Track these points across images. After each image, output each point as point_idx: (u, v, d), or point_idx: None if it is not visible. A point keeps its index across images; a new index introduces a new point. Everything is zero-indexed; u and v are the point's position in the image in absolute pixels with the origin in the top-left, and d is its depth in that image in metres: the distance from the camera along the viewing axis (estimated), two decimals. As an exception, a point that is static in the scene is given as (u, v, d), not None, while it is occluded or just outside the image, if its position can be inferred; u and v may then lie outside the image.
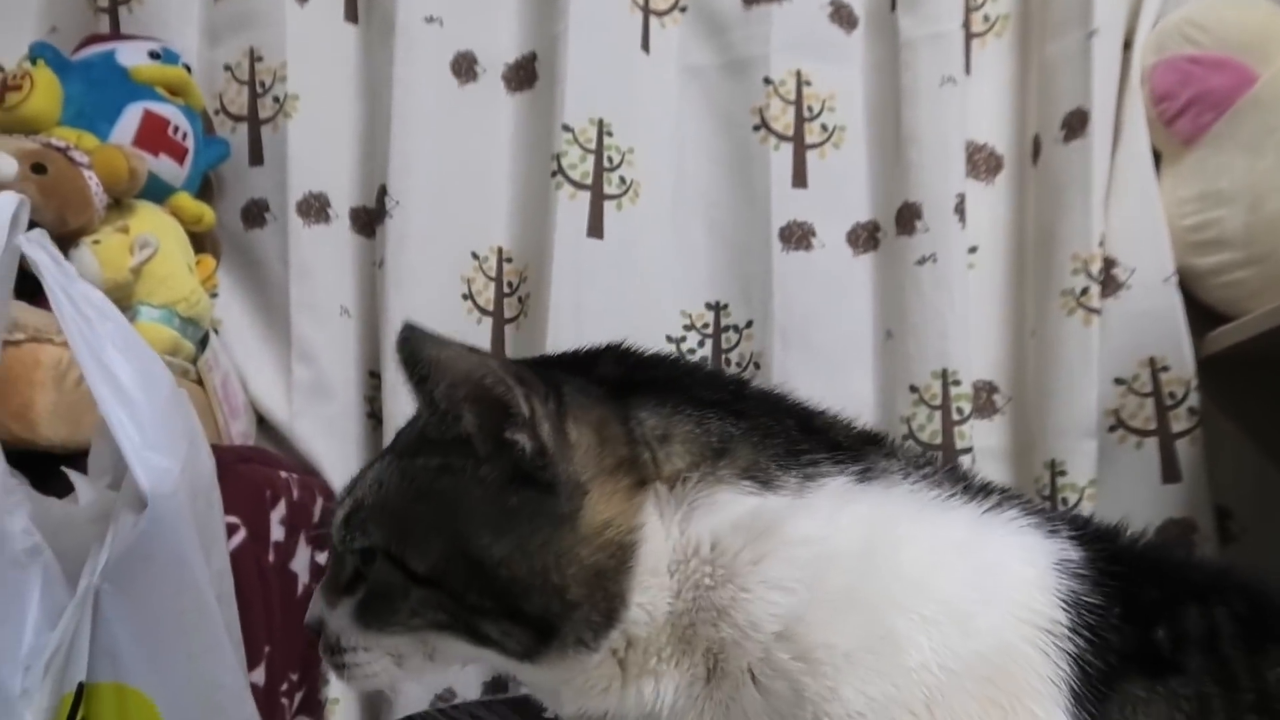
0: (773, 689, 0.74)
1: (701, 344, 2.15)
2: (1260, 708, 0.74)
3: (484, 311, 2.16)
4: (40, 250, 1.16)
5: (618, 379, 0.82)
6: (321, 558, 1.98)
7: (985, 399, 2.14)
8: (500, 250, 2.18)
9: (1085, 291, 2.02)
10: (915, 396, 2.04)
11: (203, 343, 1.92)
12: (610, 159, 2.11)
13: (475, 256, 2.16)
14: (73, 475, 1.24)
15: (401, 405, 2.05)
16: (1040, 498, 2.02)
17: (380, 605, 0.78)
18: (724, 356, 2.14)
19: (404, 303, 2.08)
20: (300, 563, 1.89)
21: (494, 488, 0.75)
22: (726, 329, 2.16)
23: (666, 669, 0.76)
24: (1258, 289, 1.99)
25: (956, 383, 2.03)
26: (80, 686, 1.10)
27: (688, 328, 2.15)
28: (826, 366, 2.10)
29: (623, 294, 2.10)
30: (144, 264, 1.71)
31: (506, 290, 2.18)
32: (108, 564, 1.11)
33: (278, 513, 1.79)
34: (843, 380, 2.10)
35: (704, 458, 0.77)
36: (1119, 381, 2.07)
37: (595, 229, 2.09)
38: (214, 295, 2.02)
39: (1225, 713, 0.74)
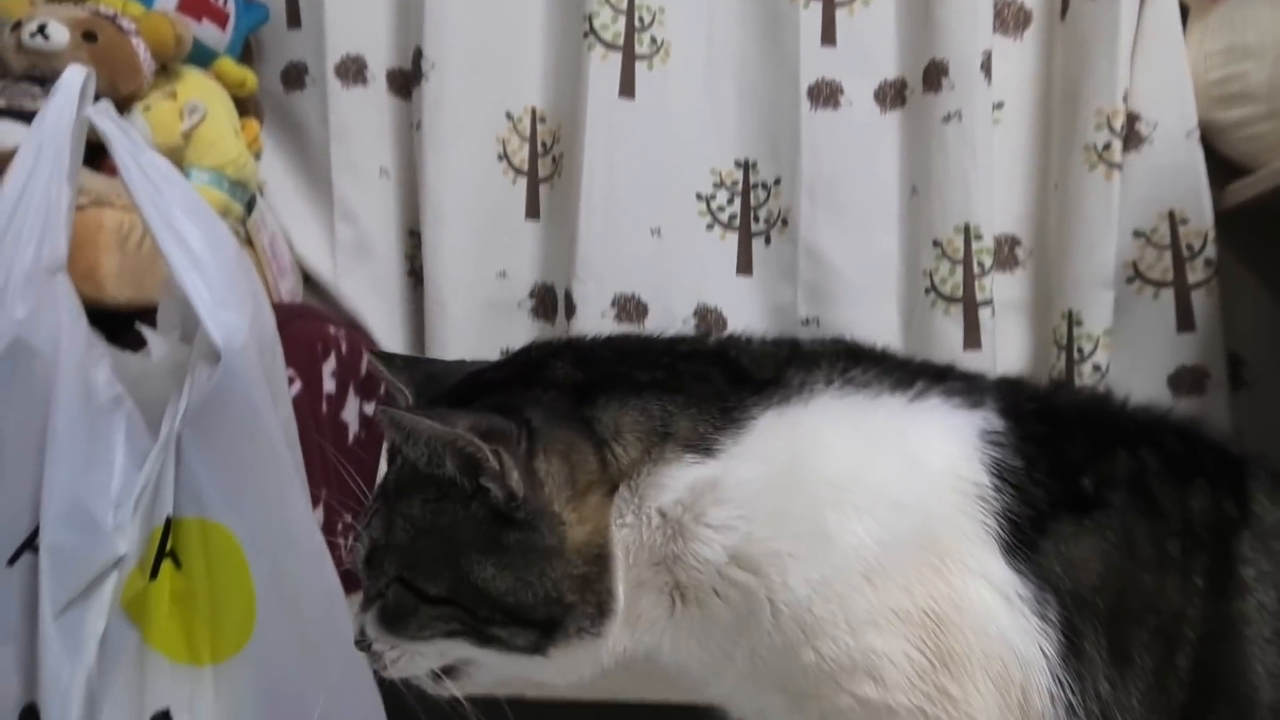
0: (731, 599, 0.81)
1: (730, 201, 2.20)
2: (1184, 533, 0.81)
3: (518, 171, 2.22)
4: (108, 120, 1.23)
5: (576, 382, 0.87)
6: (369, 408, 2.09)
7: (1007, 252, 2.19)
8: (534, 110, 2.22)
9: (1108, 147, 2.06)
10: (938, 251, 2.10)
11: (249, 205, 1.99)
12: (641, 19, 2.14)
13: (509, 117, 2.21)
14: (145, 331, 1.32)
15: (442, 265, 2.15)
16: (1057, 347, 2.10)
17: (399, 617, 0.85)
18: (753, 213, 2.19)
19: (441, 163, 2.15)
20: (350, 413, 2.00)
21: (484, 524, 0.81)
22: (755, 186, 2.20)
23: (645, 619, 0.84)
24: (1277, 141, 2.02)
25: (979, 237, 2.08)
26: (168, 521, 1.20)
27: (717, 185, 2.20)
28: (852, 223, 2.15)
29: (654, 153, 2.15)
30: (194, 129, 1.78)
31: (540, 150, 2.23)
32: (187, 411, 1.20)
33: (329, 366, 1.89)
34: (867, 236, 2.15)
35: (652, 444, 0.82)
36: (1138, 234, 2.12)
37: (627, 89, 2.13)
38: (258, 157, 2.08)
39: (1149, 539, 0.81)
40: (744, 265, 2.19)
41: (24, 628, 1.18)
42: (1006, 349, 2.14)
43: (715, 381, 0.85)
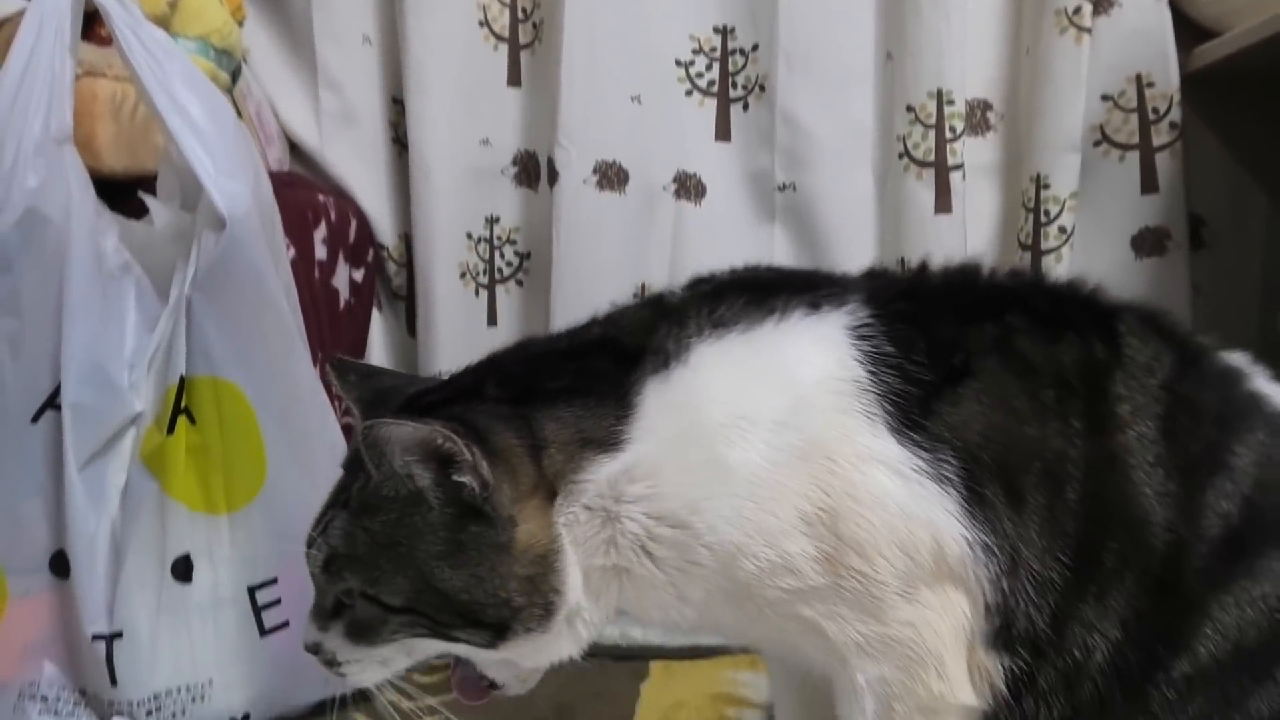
0: (668, 557, 0.89)
1: (709, 67, 2.23)
2: (1057, 384, 0.89)
3: (499, 38, 2.24)
4: (108, -8, 1.26)
5: (506, 398, 0.93)
6: (358, 274, 2.15)
7: (980, 116, 2.24)
8: (514, -25, 2.24)
9: (1078, 10, 2.09)
10: (911, 116, 2.14)
11: (235, 74, 2.01)
12: (618, -117, 2.14)
13: (490, -18, 2.22)
14: (148, 200, 1.38)
15: (426, 132, 2.18)
16: (1025, 210, 2.16)
17: (365, 629, 0.91)
18: (731, 80, 2.22)
19: (423, 30, 2.17)
20: (341, 279, 2.07)
21: (445, 530, 0.87)
22: (733, 53, 2.23)
23: (595, 608, 0.91)
24: (1243, 5, 2.06)
25: (950, 102, 2.13)
26: (182, 380, 1.28)
27: (696, 52, 2.23)
28: (828, 89, 2.18)
29: (633, 19, 2.16)
30: (180, -2, 1.79)
31: (521, 16, 2.24)
32: (195, 276, 1.27)
33: (319, 233, 1.95)
34: (843, 102, 2.19)
35: (572, 451, 0.89)
36: (1105, 98, 2.17)
37: (606, -46, 2.15)
38: (241, 25, 2.09)
39: (1024, 394, 0.88)
40: (722, 131, 2.23)
41: (50, 481, 1.27)
42: (976, 213, 2.19)
43: (609, 372, 0.92)
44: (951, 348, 0.89)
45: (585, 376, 0.92)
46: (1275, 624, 0.85)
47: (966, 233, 2.16)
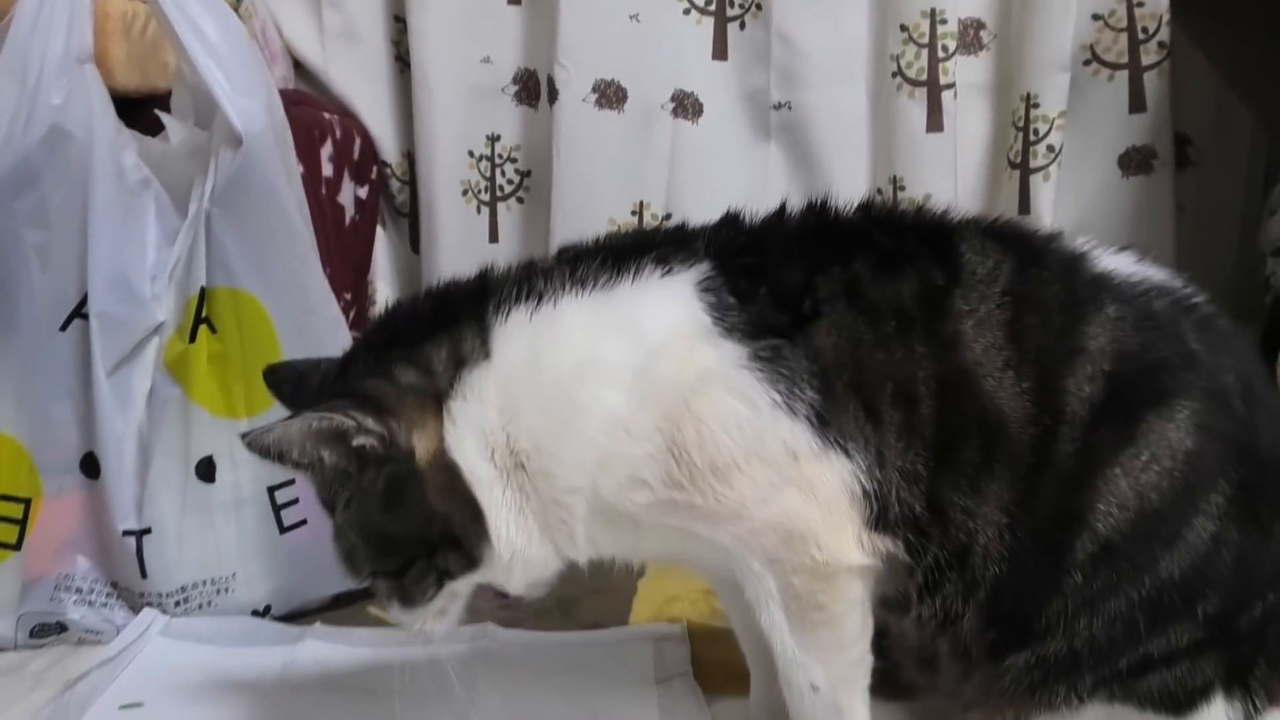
0: (540, 490, 0.96)
1: (707, -14, 2.26)
2: (897, 317, 0.95)
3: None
4: (124, -85, 1.30)
5: (381, 342, 1.02)
6: (363, 191, 2.19)
7: (973, 35, 2.26)
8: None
9: (1071, -72, 2.12)
10: (905, 35, 2.17)
11: (239, -8, 2.04)
12: None
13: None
14: (164, 117, 1.42)
15: (428, 50, 2.21)
16: (1015, 129, 2.20)
17: (404, 598, 1.00)
18: (727, -1, 2.26)
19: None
20: (346, 196, 2.11)
21: (373, 490, 0.96)
22: (731, -28, 2.26)
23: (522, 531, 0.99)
24: (1233, -75, 2.09)
25: (943, 21, 2.16)
26: (202, 291, 1.34)
27: (694, -28, 2.26)
28: (823, 8, 2.20)
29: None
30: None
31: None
32: (214, 191, 1.32)
33: (325, 150, 1.99)
34: (837, 21, 2.21)
35: (447, 372, 0.96)
36: (1096, 17, 2.20)
37: None
38: (245, -58, 2.11)
39: (869, 329, 0.94)
40: (719, 50, 2.25)
41: (79, 386, 1.32)
42: (967, 131, 2.23)
43: (473, 309, 0.99)
44: (798, 296, 0.95)
45: (450, 312, 1.00)
46: (1175, 482, 0.91)
47: (957, 151, 2.20)
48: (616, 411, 0.93)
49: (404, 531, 0.97)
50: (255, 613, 1.41)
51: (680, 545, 0.99)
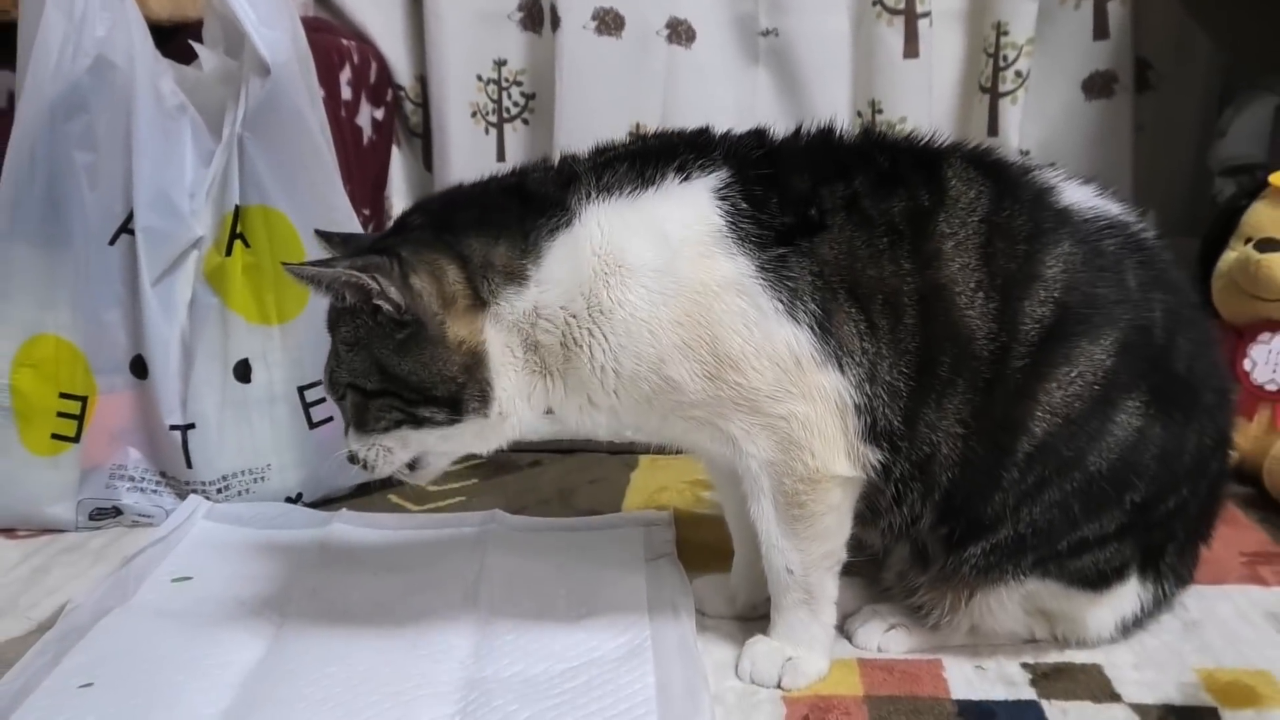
0: (575, 377, 1.02)
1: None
2: (889, 232, 1.00)
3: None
4: None
5: (434, 224, 1.05)
6: (379, 113, 2.22)
7: (948, -35, 2.28)
8: None
9: None
10: (884, -35, 2.19)
11: (262, -78, 2.04)
12: None
13: None
14: (197, 47, 1.44)
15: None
16: (986, 55, 2.22)
17: (361, 417, 1.03)
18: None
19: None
20: (364, 118, 2.14)
21: (386, 331, 0.99)
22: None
23: (525, 405, 1.04)
24: None
25: (921, -48, 2.17)
26: (236, 209, 1.38)
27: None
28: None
29: None
30: None
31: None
32: (245, 117, 1.35)
33: (344, 75, 2.01)
34: (816, -46, 2.23)
35: (488, 275, 1.00)
36: (1064, -52, 2.21)
37: None
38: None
39: (865, 243, 1.00)
40: (711, -22, 2.27)
41: (127, 295, 1.37)
42: (941, 57, 2.25)
43: (514, 212, 1.03)
44: (807, 202, 1.01)
45: (494, 211, 1.04)
46: (1094, 394, 0.99)
47: (932, 76, 2.22)
48: (640, 314, 0.99)
49: (404, 374, 1.00)
50: (288, 499, 1.47)
51: (695, 435, 1.04)
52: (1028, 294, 0.99)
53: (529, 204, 1.03)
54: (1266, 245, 1.50)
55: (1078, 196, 1.05)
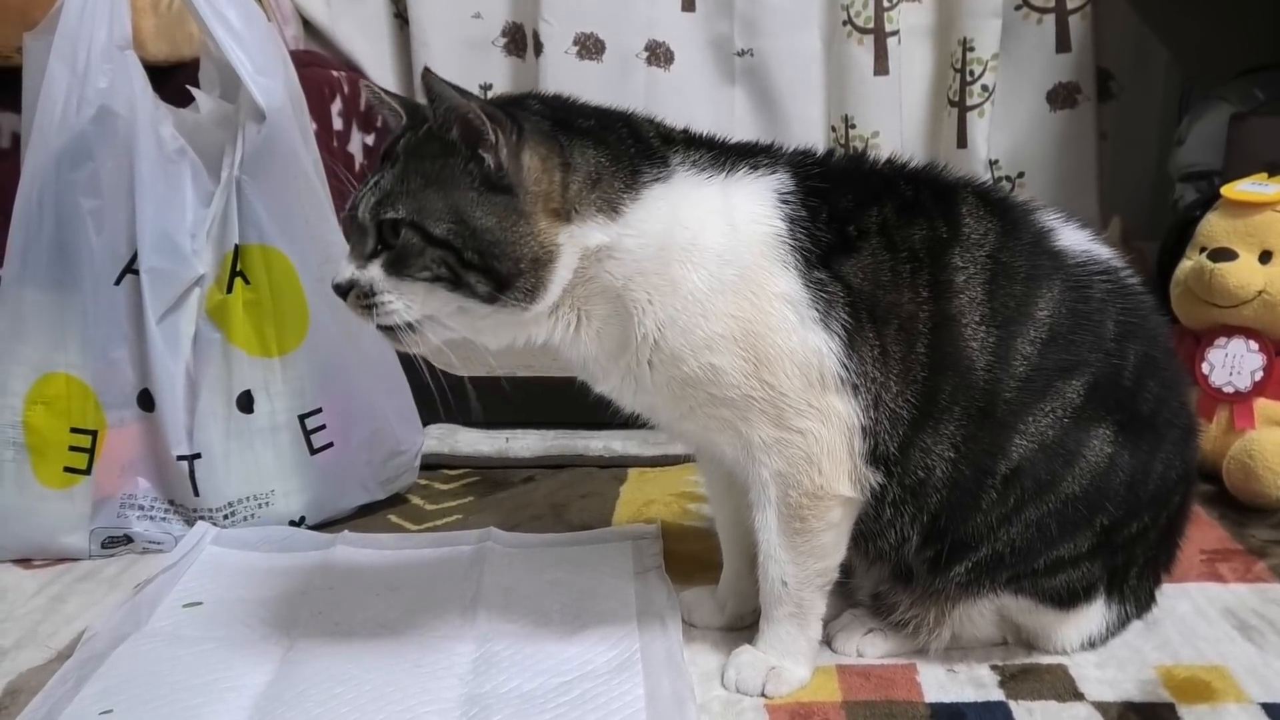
0: (611, 330, 1.03)
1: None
2: (911, 259, 1.03)
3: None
4: (151, -86, 1.34)
5: (553, 118, 1.04)
6: (369, 139, 2.25)
7: (917, -19, 2.32)
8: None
9: (1005, -113, 2.16)
10: (854, -14, 2.23)
11: (253, -40, 2.07)
12: None
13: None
14: (195, 91, 1.47)
15: (425, 7, 2.25)
16: (953, 70, 2.26)
17: (403, 260, 0.98)
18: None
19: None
20: (355, 145, 2.17)
21: (479, 181, 0.97)
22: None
23: (558, 324, 1.04)
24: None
25: (889, -27, 2.21)
26: (236, 248, 1.41)
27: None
28: (781, -38, 2.26)
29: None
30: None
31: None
32: (242, 160, 1.38)
33: (335, 106, 2.05)
34: (795, -26, 2.27)
35: (585, 193, 1.00)
36: (1027, -35, 2.25)
37: None
38: (254, -86, 2.14)
39: (889, 267, 1.04)
40: (687, 3, 2.30)
41: (134, 332, 1.40)
42: (910, 74, 2.30)
43: (627, 143, 1.04)
44: (847, 219, 1.04)
45: (611, 133, 1.04)
46: (1064, 426, 1.03)
47: (901, 92, 2.27)
48: (699, 295, 1.01)
49: (481, 229, 0.97)
50: (292, 523, 1.50)
51: (715, 435, 1.06)
52: (1021, 332, 1.03)
53: (639, 145, 1.04)
54: (1220, 255, 1.54)
55: (1073, 240, 1.08)
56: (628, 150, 1.03)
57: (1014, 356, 1.03)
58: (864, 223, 1.04)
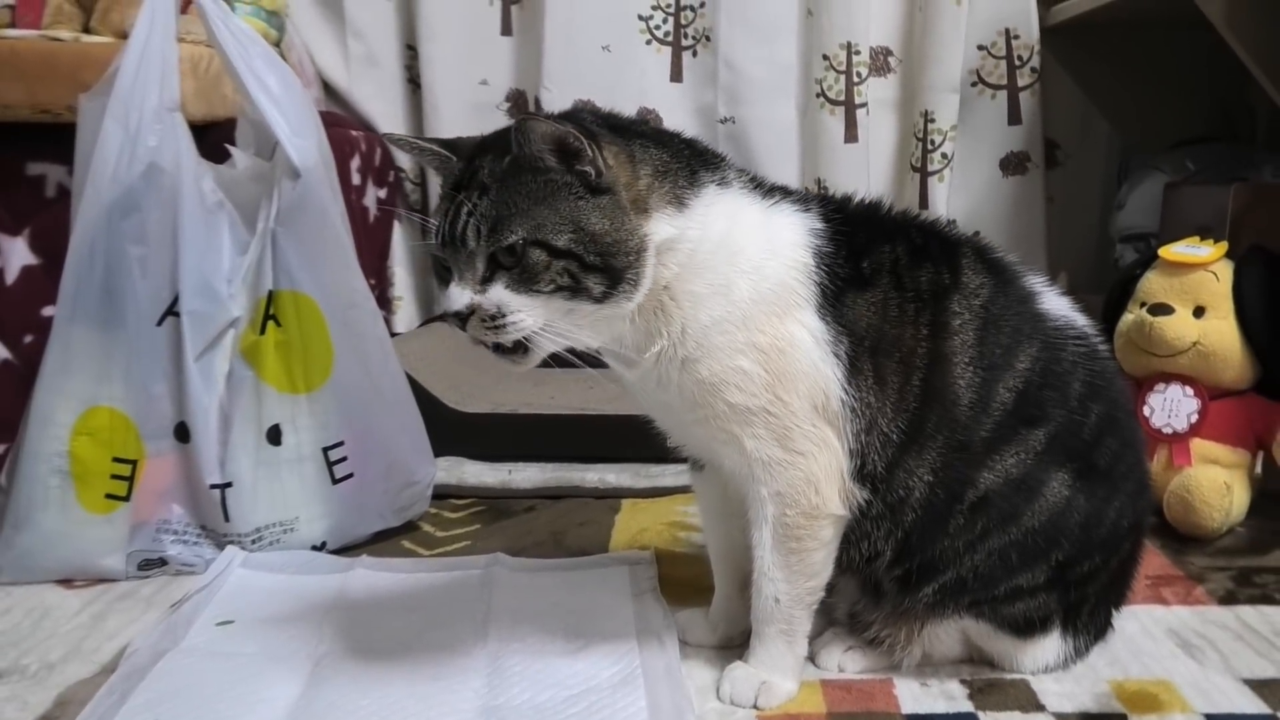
0: (662, 314, 1.04)
1: (665, 21, 2.35)
2: (915, 299, 1.05)
3: (497, -4, 2.35)
4: (201, -7, 1.37)
5: (609, 125, 1.04)
6: (382, 193, 2.28)
7: (881, 60, 2.38)
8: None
9: (960, -25, 2.23)
10: (826, 63, 2.28)
11: (280, 29, 2.11)
12: None
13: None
14: (231, 149, 1.49)
15: (436, 74, 2.30)
16: (916, 139, 2.32)
17: (531, 276, 0.96)
18: (682, 31, 2.35)
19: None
20: (369, 199, 2.20)
21: (582, 189, 0.97)
22: (684, 9, 2.36)
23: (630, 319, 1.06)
24: (1091, -26, 2.20)
25: (858, 52, 2.27)
26: (270, 293, 1.42)
27: (654, 8, 2.35)
28: (760, 38, 2.32)
29: (603, -20, 2.28)
30: (235, -29, 1.89)
31: (512, -27, 2.35)
32: (277, 213, 1.40)
33: (354, 163, 2.08)
34: (773, 50, 2.33)
35: (654, 188, 1.02)
36: (981, 47, 2.32)
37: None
38: (283, -14, 2.18)
39: (896, 304, 1.05)
40: (676, 74, 2.36)
41: (173, 369, 1.40)
42: (877, 141, 2.36)
43: (683, 149, 1.06)
44: (862, 258, 1.07)
45: (666, 137, 1.07)
46: (1026, 466, 1.06)
47: (870, 158, 2.33)
48: (742, 302, 1.02)
49: (598, 232, 0.97)
50: (314, 547, 1.50)
51: (720, 449, 1.07)
52: (1002, 379, 1.06)
53: (693, 151, 1.06)
54: (1158, 309, 1.59)
55: (1055, 305, 1.12)
56: (684, 153, 1.05)
57: (993, 399, 1.06)
58: (878, 261, 1.07)
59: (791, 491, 1.05)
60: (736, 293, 1.03)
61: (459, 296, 0.99)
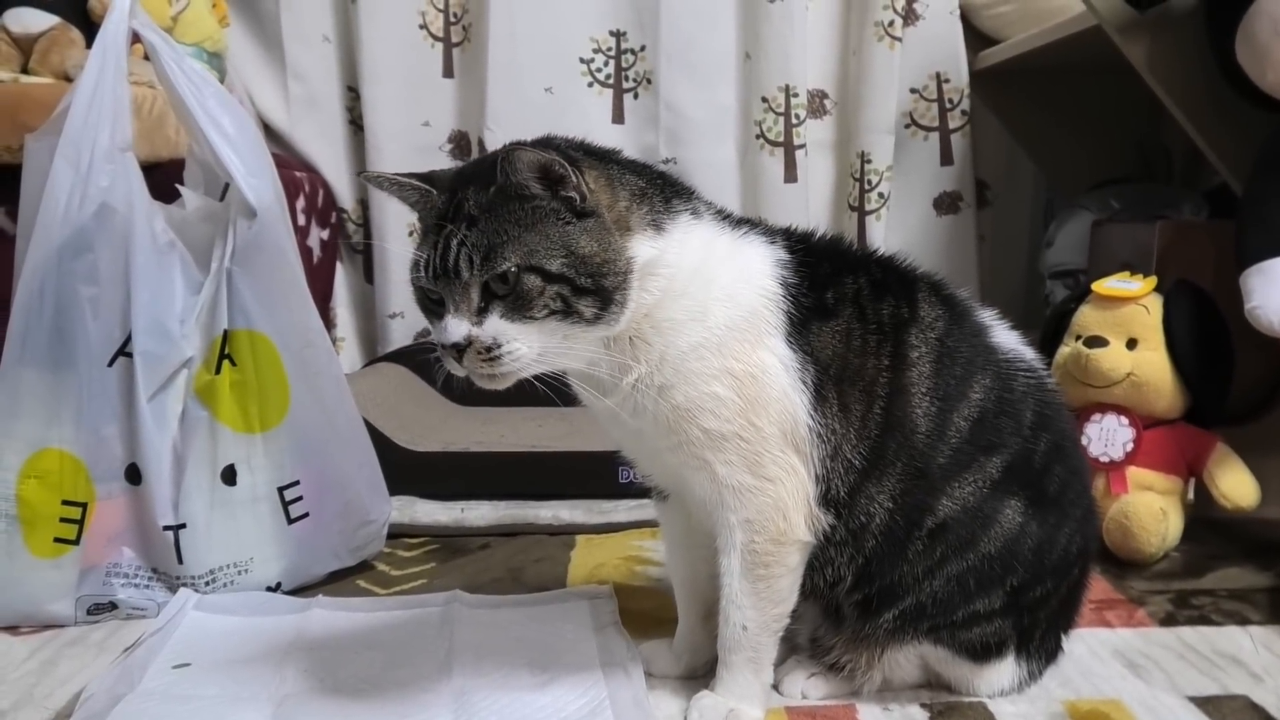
0: (640, 341, 1.06)
1: (606, 64, 2.39)
2: (878, 330, 1.09)
3: (436, 38, 2.37)
4: (152, 33, 1.37)
5: (583, 149, 1.07)
6: (325, 234, 2.27)
7: (818, 103, 2.45)
8: (448, -14, 2.36)
9: (892, 23, 2.32)
10: (765, 105, 2.34)
11: (221, 72, 2.11)
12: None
13: (428, -7, 2.34)
14: (182, 189, 1.49)
15: (378, 116, 2.31)
16: (853, 179, 2.38)
17: (525, 303, 0.97)
18: (624, 74, 2.39)
19: (373, 30, 2.30)
20: (313, 239, 2.20)
21: (568, 214, 0.99)
22: (625, 52, 2.40)
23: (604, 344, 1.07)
24: (1016, 20, 2.30)
25: (795, 95, 2.33)
26: (225, 332, 1.41)
27: (596, 51, 2.39)
28: (700, 81, 2.37)
29: (545, 24, 2.32)
30: (180, 13, 1.89)
31: (453, 19, 2.38)
32: (233, 252, 1.40)
33: (299, 204, 2.08)
34: (713, 93, 2.38)
35: (634, 208, 1.04)
36: (913, 91, 2.40)
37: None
38: (226, 27, 2.18)
39: (859, 334, 1.08)
40: (617, 116, 2.41)
41: (124, 410, 1.39)
42: (816, 181, 2.42)
43: (657, 178, 1.08)
44: (826, 288, 1.10)
45: (639, 164, 1.09)
46: (983, 494, 1.10)
47: (809, 197, 2.38)
48: (716, 330, 1.04)
49: (589, 254, 0.98)
50: (269, 588, 1.49)
51: (691, 475, 1.08)
52: (957, 409, 1.10)
53: (665, 180, 1.08)
54: (1093, 342, 1.65)
55: (1005, 338, 1.16)
56: (657, 180, 1.08)
57: (949, 428, 1.09)
58: (841, 292, 1.10)
59: (760, 518, 1.07)
60: (712, 319, 1.05)
61: (456, 328, 0.99)
